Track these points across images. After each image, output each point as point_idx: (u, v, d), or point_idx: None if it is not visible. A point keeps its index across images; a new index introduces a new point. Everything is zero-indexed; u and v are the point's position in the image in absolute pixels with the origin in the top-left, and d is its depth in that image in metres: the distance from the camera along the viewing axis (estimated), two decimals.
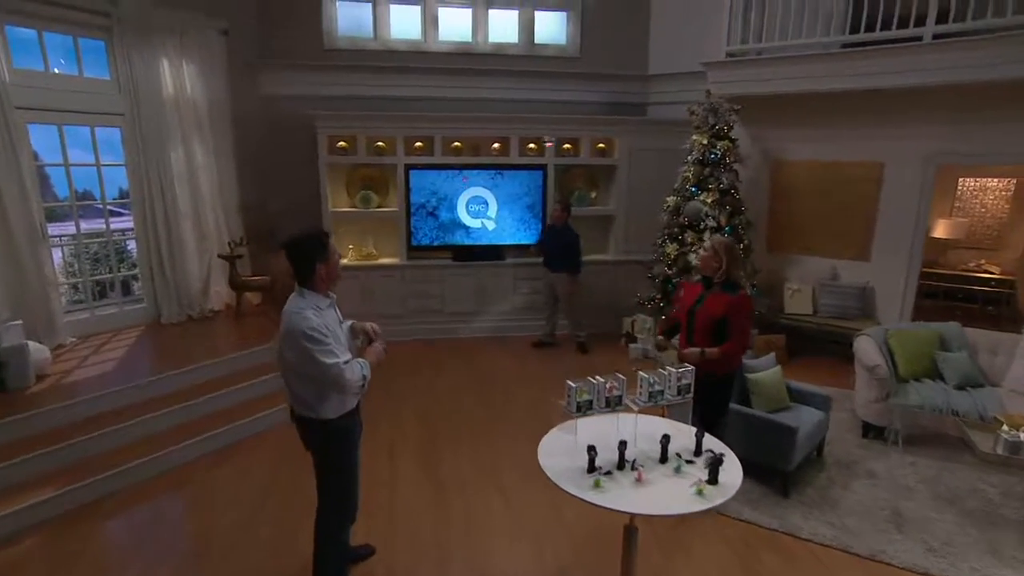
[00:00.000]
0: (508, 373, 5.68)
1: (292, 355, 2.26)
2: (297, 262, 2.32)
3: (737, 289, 3.16)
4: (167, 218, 5.31)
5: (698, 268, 3.35)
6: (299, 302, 2.31)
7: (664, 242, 5.98)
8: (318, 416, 2.38)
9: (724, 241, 3.21)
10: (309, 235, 2.37)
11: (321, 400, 2.35)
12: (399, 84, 6.38)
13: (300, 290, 2.36)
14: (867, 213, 5.77)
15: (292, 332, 2.22)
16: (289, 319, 2.26)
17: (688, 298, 3.36)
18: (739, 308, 3.12)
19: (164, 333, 5.26)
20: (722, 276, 3.15)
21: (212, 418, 4.21)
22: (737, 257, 3.18)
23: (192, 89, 5.39)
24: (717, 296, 3.18)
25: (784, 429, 3.44)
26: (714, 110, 5.67)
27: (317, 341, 2.21)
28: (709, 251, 3.22)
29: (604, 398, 2.24)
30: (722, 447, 2.30)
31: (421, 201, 6.35)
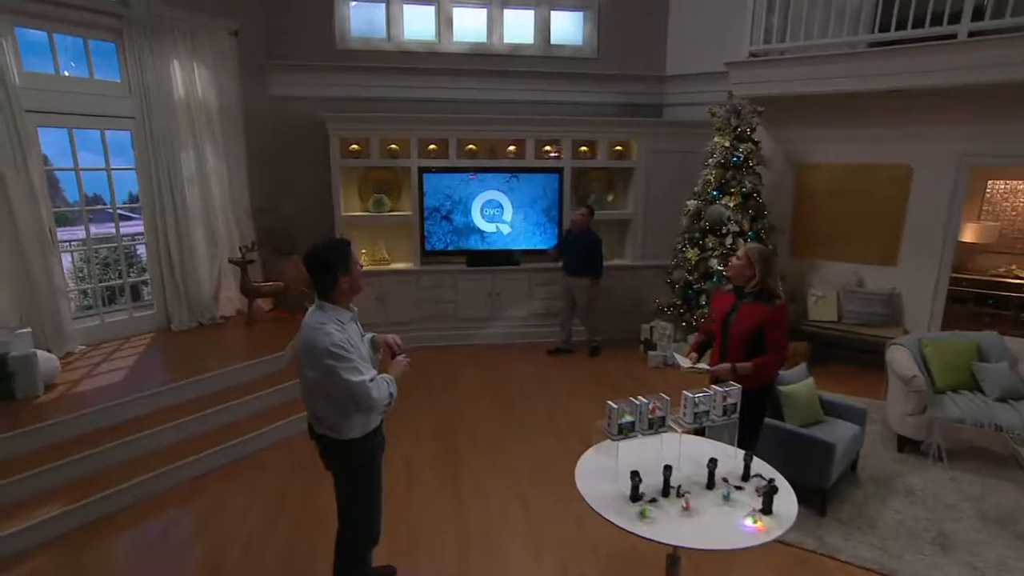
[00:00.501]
0: (525, 381, 5.54)
1: (314, 373, 2.13)
2: (318, 274, 2.19)
3: (773, 299, 2.99)
4: (177, 222, 5.21)
5: (729, 277, 3.19)
6: (319, 316, 2.17)
7: (684, 247, 5.83)
8: (340, 436, 2.25)
9: (758, 248, 3.05)
10: (331, 244, 2.24)
11: (344, 419, 2.22)
12: (413, 85, 6.27)
13: (320, 303, 2.23)
14: (894, 217, 5.60)
15: (314, 349, 2.09)
16: (310, 335, 2.12)
17: (721, 309, 3.21)
18: (775, 319, 2.96)
19: (174, 341, 5.16)
20: (756, 286, 2.99)
21: (223, 430, 4.09)
22: (772, 265, 3.01)
23: (203, 91, 5.29)
24: (751, 307, 3.02)
25: (821, 445, 3.28)
26: (736, 111, 5.52)
27: (341, 358, 2.08)
28: (742, 259, 3.05)
29: (647, 419, 2.10)
30: (771, 471, 2.16)
31: (435, 205, 6.23)
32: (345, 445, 2.26)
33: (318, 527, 3.29)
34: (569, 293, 6.03)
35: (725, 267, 5.51)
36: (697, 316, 5.67)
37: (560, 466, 3.98)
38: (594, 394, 5.25)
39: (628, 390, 5.34)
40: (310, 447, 2.42)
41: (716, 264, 5.57)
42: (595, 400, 5.12)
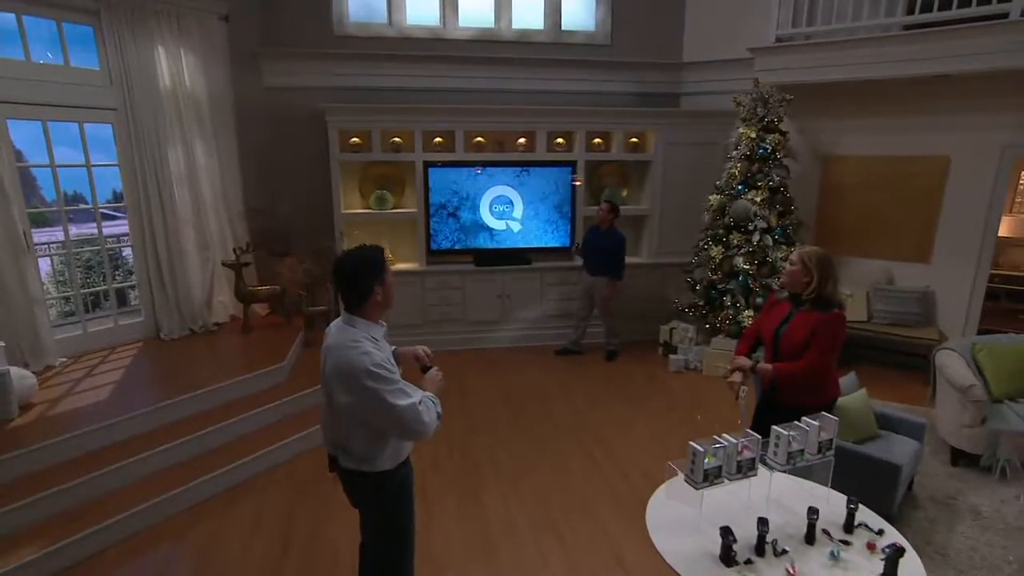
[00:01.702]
0: (541, 388, 5.21)
1: (349, 399, 1.86)
2: (351, 285, 1.94)
3: (831, 308, 2.66)
4: (165, 222, 4.81)
5: (783, 284, 2.86)
6: (350, 333, 1.91)
7: (707, 244, 5.51)
8: (372, 469, 2.00)
9: (814, 251, 2.70)
10: (364, 252, 1.99)
11: (378, 449, 1.97)
12: (416, 74, 5.87)
13: (349, 318, 1.97)
14: (929, 211, 5.30)
15: (350, 371, 1.82)
16: (343, 356, 1.85)
17: (773, 318, 2.89)
18: (827, 327, 2.63)
19: (164, 351, 4.77)
20: (813, 292, 2.66)
21: (220, 452, 3.73)
22: (830, 270, 2.66)
23: (191, 80, 4.88)
24: (807, 316, 2.69)
25: (886, 467, 2.98)
26: (763, 100, 5.19)
27: (385, 379, 1.83)
28: (797, 264, 2.72)
29: (735, 462, 1.77)
30: (876, 519, 1.84)
31: (441, 201, 5.87)
32: (376, 478, 2.02)
33: (331, 562, 2.96)
34: (588, 293, 5.70)
35: (750, 265, 5.22)
36: (721, 318, 5.36)
37: (590, 488, 3.67)
38: (616, 402, 4.94)
39: (649, 396, 5.04)
40: (316, 468, 2.08)
41: (741, 262, 5.25)
42: (617, 408, 4.82)
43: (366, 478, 2.02)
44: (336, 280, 1.96)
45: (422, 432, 1.89)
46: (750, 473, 1.81)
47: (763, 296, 5.25)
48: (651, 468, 3.92)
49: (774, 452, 1.86)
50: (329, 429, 2.06)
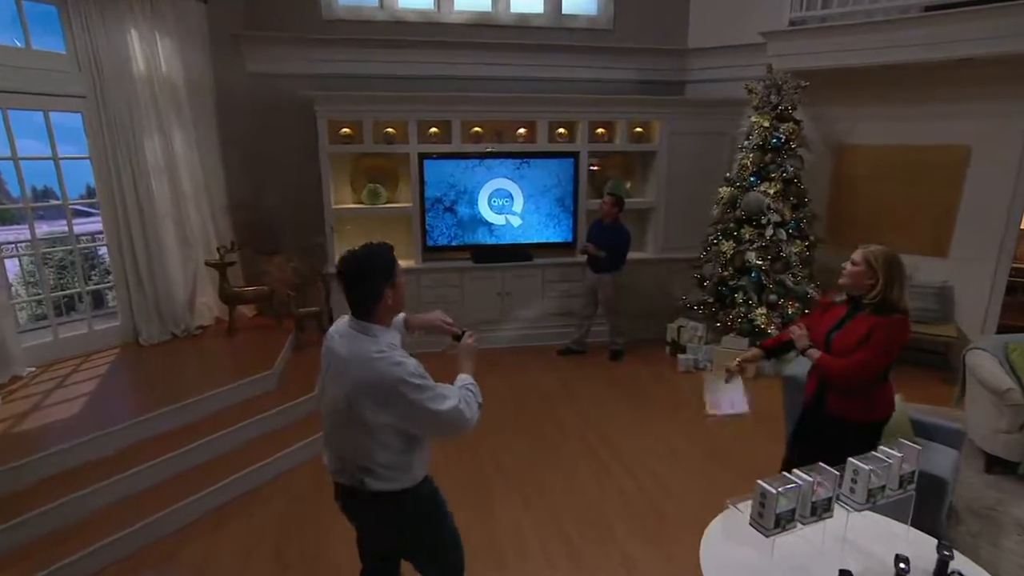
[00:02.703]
0: (544, 389, 4.96)
1: (385, 414, 1.71)
2: (361, 289, 1.78)
3: (892, 312, 2.40)
4: (143, 219, 4.47)
5: (843, 286, 2.59)
6: (371, 343, 1.75)
7: (717, 239, 5.27)
8: (409, 483, 1.83)
9: (881, 251, 2.41)
10: (375, 251, 1.82)
11: (412, 457, 1.82)
12: (409, 60, 5.55)
13: (362, 324, 1.79)
14: (947, 203, 5.10)
15: (383, 385, 1.68)
16: (370, 369, 1.69)
17: (826, 321, 2.63)
18: (886, 330, 2.37)
19: (144, 357, 4.44)
20: (877, 296, 2.40)
21: (206, 469, 3.43)
22: (899, 273, 2.39)
23: (167, 66, 4.53)
24: (865, 319, 2.44)
25: (932, 481, 2.75)
26: (777, 87, 4.95)
27: (423, 388, 1.70)
28: (860, 265, 2.44)
29: (809, 503, 1.53)
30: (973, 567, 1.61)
31: (437, 195, 5.57)
32: (415, 492, 1.85)
33: None
34: (592, 291, 5.44)
35: (763, 260, 4.99)
36: (732, 316, 5.13)
37: (599, 493, 3.49)
38: (622, 403, 4.71)
39: (657, 397, 4.82)
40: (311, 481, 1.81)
41: (754, 258, 5.02)
42: (624, 410, 4.59)
43: (402, 496, 1.82)
44: (344, 283, 1.78)
45: (466, 429, 1.80)
46: (825, 515, 1.57)
47: (776, 293, 5.04)
48: (661, 471, 3.73)
49: (851, 489, 1.61)
50: (346, 451, 1.81)
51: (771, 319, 5.00)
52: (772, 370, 5.15)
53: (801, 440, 2.87)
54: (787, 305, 5.02)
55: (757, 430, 4.31)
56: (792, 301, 5.04)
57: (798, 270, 5.03)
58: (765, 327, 4.99)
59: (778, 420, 4.35)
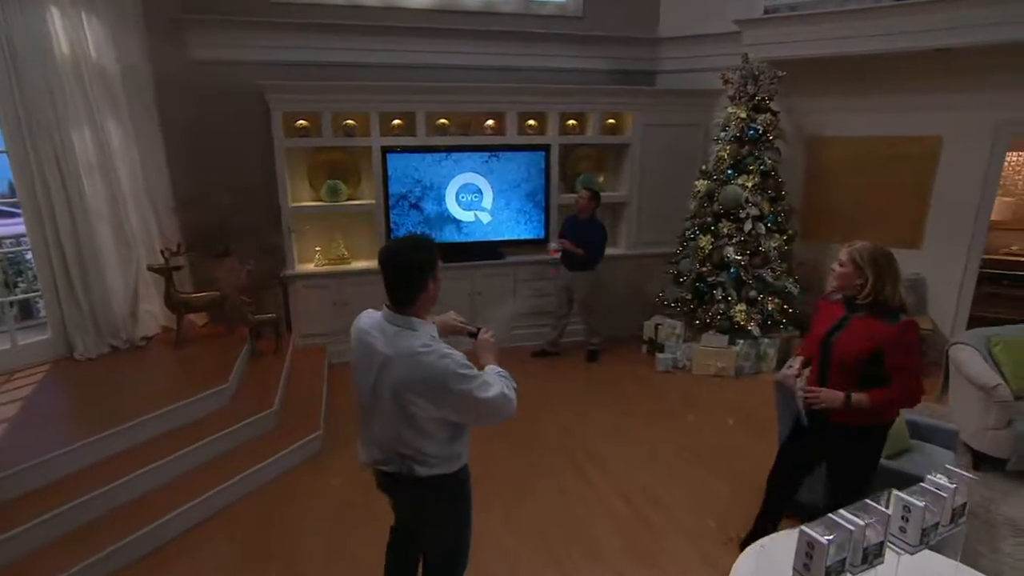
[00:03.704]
0: (521, 395, 4.71)
1: (432, 404, 1.71)
2: (408, 280, 1.75)
3: (896, 315, 2.27)
4: (74, 220, 4.02)
5: (835, 288, 2.43)
6: (415, 337, 1.73)
7: (695, 234, 5.13)
8: (454, 467, 1.87)
9: (867, 248, 2.30)
10: (419, 241, 1.83)
11: (457, 446, 1.86)
12: (370, 48, 5.20)
13: (404, 319, 1.76)
14: (920, 195, 5.08)
15: (436, 377, 1.67)
16: (421, 364, 1.68)
17: (823, 323, 2.48)
18: (902, 342, 2.24)
19: (79, 374, 4.01)
20: (868, 296, 2.28)
21: (145, 502, 3.07)
22: (888, 269, 2.27)
23: (97, 50, 4.07)
24: (864, 322, 2.31)
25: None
26: (754, 77, 4.82)
27: (472, 378, 1.70)
28: (847, 265, 2.33)
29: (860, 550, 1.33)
30: None
31: (402, 191, 5.25)
32: (456, 476, 1.89)
33: None
34: (567, 290, 5.23)
35: (741, 256, 4.87)
36: (711, 313, 5.00)
37: (590, 515, 3.26)
38: (603, 407, 4.53)
39: (638, 400, 4.65)
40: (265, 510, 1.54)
41: (732, 253, 4.90)
42: (606, 415, 4.40)
43: (449, 479, 1.87)
44: (385, 273, 1.76)
45: (508, 415, 1.81)
46: (876, 561, 1.37)
47: (757, 289, 4.92)
48: (647, 480, 3.57)
49: (901, 528, 1.42)
50: (391, 443, 1.81)
51: (751, 316, 4.88)
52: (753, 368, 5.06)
53: (798, 446, 2.72)
54: (766, 301, 4.91)
55: (741, 430, 4.19)
56: (771, 296, 4.94)
57: (777, 265, 4.93)
58: (745, 324, 4.88)
59: (762, 420, 4.25)
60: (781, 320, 4.97)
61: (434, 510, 1.94)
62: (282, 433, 3.82)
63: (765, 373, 5.04)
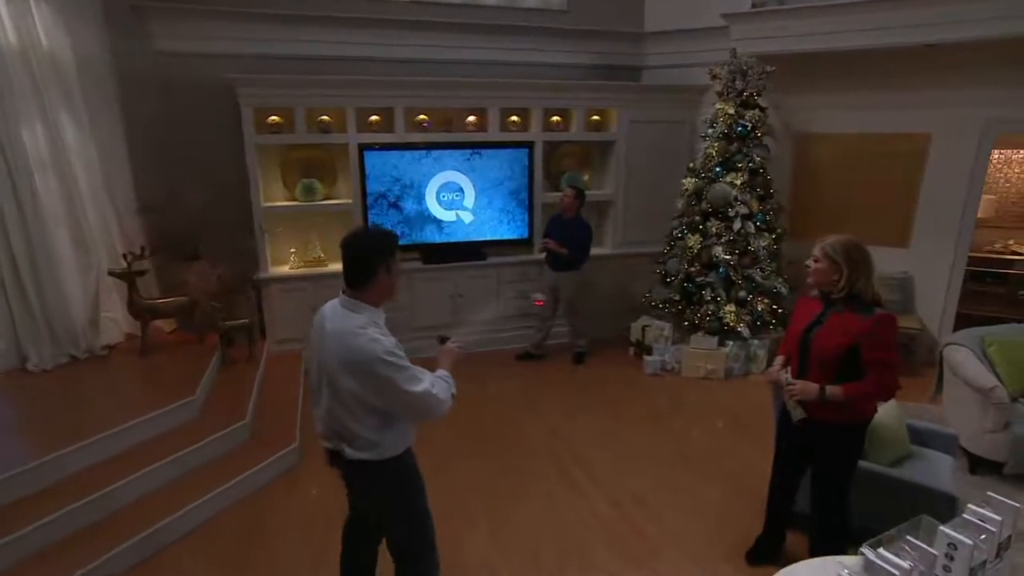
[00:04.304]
0: (506, 400, 4.58)
1: (358, 386, 1.81)
2: (357, 260, 1.88)
3: (871, 308, 2.22)
4: (24, 221, 3.74)
5: (812, 284, 2.39)
6: (355, 319, 1.85)
7: (683, 233, 5.01)
8: (382, 456, 1.92)
9: (841, 242, 2.25)
10: (381, 231, 2.04)
11: (386, 434, 1.91)
12: (347, 40, 4.98)
13: (350, 301, 1.89)
14: (908, 192, 5.03)
15: (360, 359, 1.78)
16: (352, 344, 1.80)
17: (801, 319, 2.43)
18: (876, 335, 2.21)
19: (32, 387, 3.72)
20: (843, 290, 2.24)
21: (107, 525, 2.84)
22: (862, 262, 2.23)
23: (48, 39, 3.79)
24: (842, 317, 2.27)
25: (942, 499, 2.55)
26: (742, 72, 4.71)
27: (399, 367, 1.79)
28: (822, 260, 2.28)
29: None
30: None
31: (380, 190, 5.05)
32: (387, 464, 1.94)
33: None
34: (553, 291, 5.08)
35: (730, 255, 4.77)
36: (701, 314, 4.89)
37: (581, 524, 3.13)
38: (591, 412, 4.39)
39: (626, 403, 4.53)
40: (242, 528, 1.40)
41: (721, 252, 4.79)
42: (594, 419, 4.27)
43: (376, 466, 1.93)
44: (343, 253, 1.88)
45: (436, 415, 1.89)
46: None
47: (746, 289, 4.82)
48: (637, 487, 3.45)
49: (945, 568, 1.29)
50: (328, 420, 1.94)
51: (741, 316, 4.78)
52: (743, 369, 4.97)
53: (787, 444, 2.65)
54: (756, 301, 4.82)
55: (731, 434, 4.09)
56: (761, 297, 4.84)
57: (766, 264, 4.84)
58: (735, 325, 4.78)
59: (752, 423, 4.16)
60: (771, 321, 4.87)
61: (370, 495, 2.03)
62: (256, 446, 3.60)
63: (755, 375, 4.95)
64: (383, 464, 1.93)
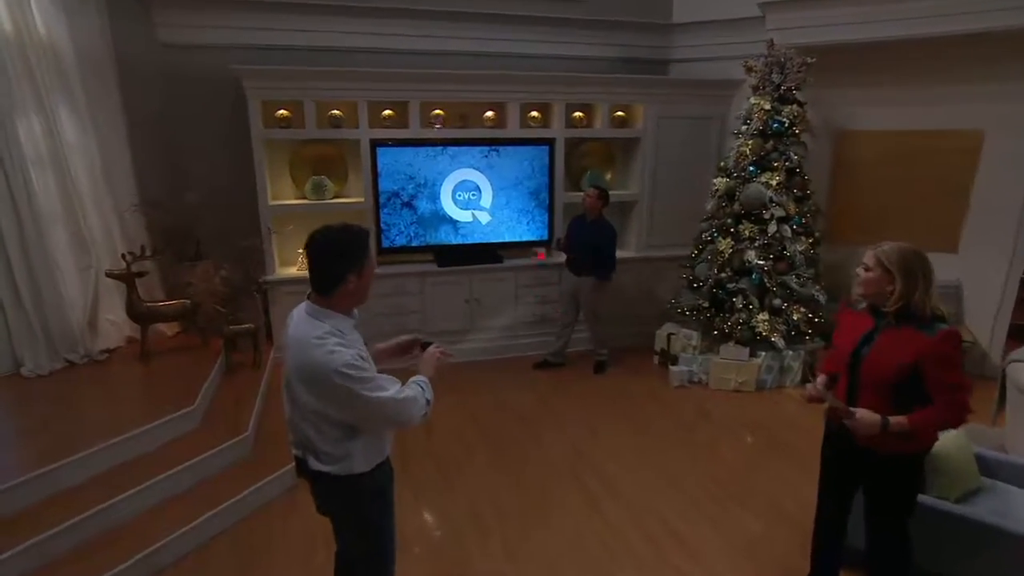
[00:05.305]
0: (523, 412, 4.32)
1: (315, 398, 1.71)
2: (321, 263, 1.74)
3: (934, 325, 1.94)
4: (19, 220, 3.57)
5: (861, 295, 2.11)
6: (313, 327, 1.71)
7: (713, 236, 4.71)
8: (346, 472, 1.80)
9: (896, 250, 1.97)
10: (347, 231, 1.76)
11: (350, 448, 1.78)
12: (359, 31, 4.75)
13: (313, 308, 1.76)
14: (958, 194, 4.68)
15: (315, 371, 1.66)
16: (307, 355, 1.68)
17: (849, 334, 2.14)
18: (943, 355, 1.93)
19: (26, 393, 3.55)
20: (897, 303, 1.95)
21: (103, 546, 2.63)
22: (921, 274, 1.95)
23: (47, 29, 3.61)
24: (898, 334, 1.99)
25: (1015, 542, 2.24)
26: (780, 65, 4.39)
27: (360, 379, 1.66)
28: (874, 269, 2.01)
29: None
30: None
31: (394, 188, 4.81)
32: (350, 481, 1.82)
33: None
34: (572, 296, 4.81)
35: (764, 260, 4.46)
36: (731, 322, 4.58)
37: (608, 556, 2.83)
38: (614, 426, 4.12)
39: (652, 418, 4.26)
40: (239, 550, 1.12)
41: (754, 257, 4.48)
42: (618, 435, 3.99)
43: (339, 481, 1.81)
44: (308, 257, 1.75)
45: (406, 420, 1.79)
46: None
47: (781, 296, 4.51)
48: (668, 513, 3.17)
49: None
50: (295, 428, 1.84)
51: (775, 325, 4.47)
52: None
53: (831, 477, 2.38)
54: (792, 309, 4.50)
55: (768, 454, 3.79)
56: (797, 305, 4.53)
57: (803, 270, 4.52)
58: (768, 334, 4.47)
59: (788, 441, 3.87)
60: (807, 331, 4.56)
61: (334, 507, 1.92)
62: (257, 462, 3.38)
63: (789, 388, 4.64)
64: (344, 479, 1.80)
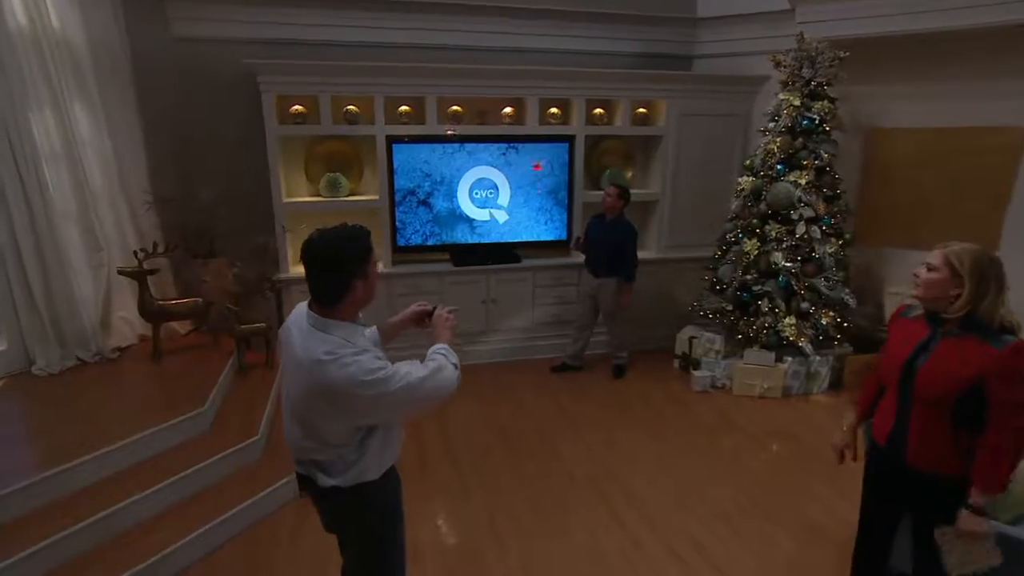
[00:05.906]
0: (541, 418, 4.20)
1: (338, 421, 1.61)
2: (327, 278, 1.59)
3: (1001, 337, 1.75)
4: (32, 217, 3.51)
5: (919, 297, 1.94)
6: (322, 341, 1.57)
7: (738, 237, 4.55)
8: (356, 481, 1.71)
9: (971, 252, 1.79)
10: (346, 232, 1.61)
11: (359, 458, 1.69)
12: (375, 25, 4.66)
13: (319, 321, 1.61)
14: (997, 194, 4.47)
15: (336, 388, 1.53)
16: (322, 372, 1.53)
17: (902, 344, 1.96)
18: (1010, 371, 1.73)
19: (37, 392, 3.49)
20: (962, 310, 1.78)
21: (107, 554, 2.56)
22: (995, 280, 1.76)
23: (61, 23, 3.55)
24: (959, 344, 1.80)
25: None
26: (810, 59, 4.23)
27: (383, 379, 1.54)
28: (941, 270, 1.81)
29: None
30: None
31: (410, 186, 4.72)
32: (359, 492, 1.73)
33: None
34: (591, 298, 4.68)
35: (792, 263, 4.30)
36: (757, 326, 4.43)
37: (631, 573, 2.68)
38: (635, 434, 3.99)
39: (674, 425, 4.12)
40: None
41: (782, 259, 4.32)
42: (640, 444, 3.86)
43: (346, 494, 1.72)
44: (307, 268, 1.59)
45: (443, 393, 1.68)
46: None
47: (809, 300, 4.34)
48: (697, 531, 3.02)
49: None
50: (298, 445, 1.73)
51: (802, 330, 4.31)
52: None
53: (875, 496, 2.21)
54: (821, 313, 4.34)
55: (799, 465, 3.63)
56: (826, 309, 4.36)
57: (832, 273, 4.35)
58: (795, 339, 4.30)
59: (817, 450, 3.72)
60: (836, 336, 4.39)
61: (341, 522, 1.86)
62: (268, 467, 3.29)
63: (816, 395, 4.48)
64: (352, 491, 1.72)
